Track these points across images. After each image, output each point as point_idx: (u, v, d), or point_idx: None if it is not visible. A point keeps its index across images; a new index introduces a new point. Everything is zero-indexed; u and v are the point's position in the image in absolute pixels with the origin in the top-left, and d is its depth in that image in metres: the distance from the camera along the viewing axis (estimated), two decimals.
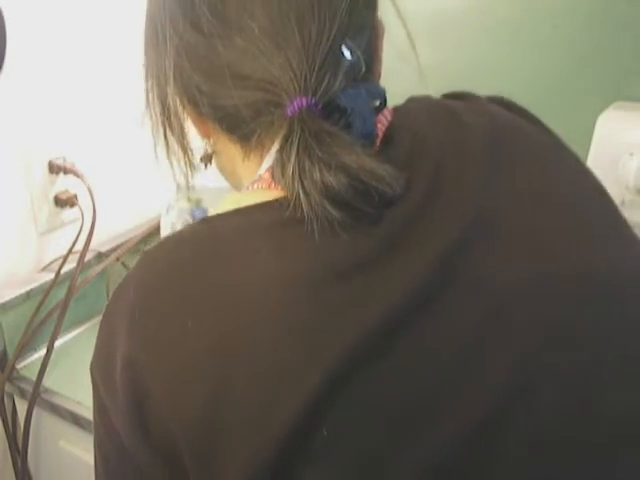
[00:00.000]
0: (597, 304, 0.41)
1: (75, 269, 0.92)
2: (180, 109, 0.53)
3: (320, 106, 0.42)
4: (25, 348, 0.92)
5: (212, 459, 0.38)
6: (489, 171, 0.44)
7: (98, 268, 0.98)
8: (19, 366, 0.92)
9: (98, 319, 1.02)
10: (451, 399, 0.37)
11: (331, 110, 0.43)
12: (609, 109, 0.84)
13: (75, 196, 0.96)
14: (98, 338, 0.46)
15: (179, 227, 0.98)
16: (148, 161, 1.13)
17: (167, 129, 0.56)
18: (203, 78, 0.47)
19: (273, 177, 0.44)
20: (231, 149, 0.50)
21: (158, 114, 0.55)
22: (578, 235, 0.43)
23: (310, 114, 0.41)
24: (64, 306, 0.91)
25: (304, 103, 0.41)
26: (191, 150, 0.55)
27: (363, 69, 0.44)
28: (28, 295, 0.92)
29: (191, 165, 0.56)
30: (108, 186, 1.02)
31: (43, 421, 0.91)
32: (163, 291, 0.42)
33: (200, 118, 0.51)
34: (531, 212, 0.43)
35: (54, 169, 0.94)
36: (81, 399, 0.86)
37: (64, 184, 0.96)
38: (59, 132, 0.95)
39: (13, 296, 0.90)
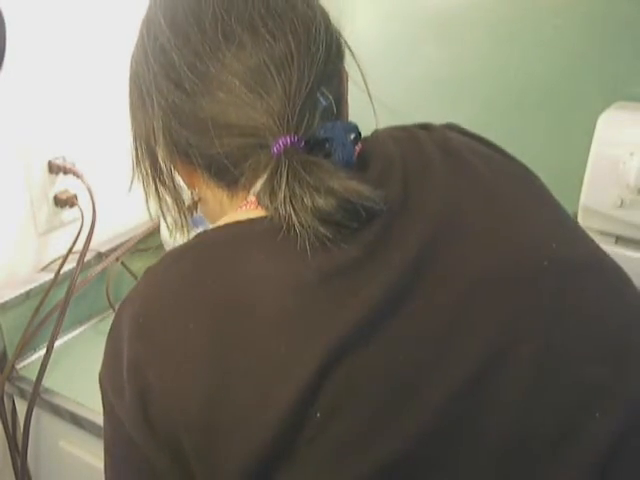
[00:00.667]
0: (556, 287, 0.46)
1: (75, 269, 0.92)
2: (169, 165, 0.57)
3: (303, 143, 0.46)
4: (25, 348, 0.92)
5: (210, 450, 0.41)
6: (448, 181, 0.50)
7: (98, 268, 0.98)
8: (19, 366, 0.92)
9: (98, 319, 1.02)
10: (426, 379, 0.41)
11: (313, 144, 0.47)
12: (610, 109, 0.84)
13: (75, 196, 0.96)
14: (106, 349, 0.49)
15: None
16: None
17: (159, 185, 0.61)
18: (191, 133, 0.51)
19: (259, 202, 0.47)
20: (217, 193, 0.54)
21: (149, 171, 0.62)
22: (529, 227, 0.48)
23: (294, 149, 0.46)
24: (64, 306, 0.91)
25: (288, 141, 0.46)
26: (184, 202, 0.59)
27: (335, 111, 0.50)
28: (28, 295, 0.92)
29: (185, 215, 0.61)
30: (108, 186, 1.02)
31: (43, 421, 0.91)
32: (166, 299, 0.46)
33: (188, 169, 0.54)
34: (487, 211, 0.48)
35: (54, 169, 0.94)
36: (81, 399, 0.86)
37: (64, 184, 0.96)
38: (59, 132, 0.95)
39: (13, 296, 0.90)
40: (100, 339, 1.03)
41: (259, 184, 0.48)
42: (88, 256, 0.95)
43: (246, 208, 0.50)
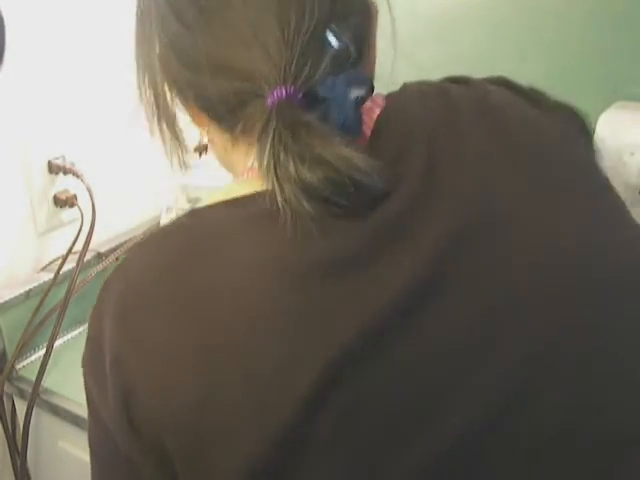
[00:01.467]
0: (598, 298, 0.40)
1: (74, 269, 0.92)
2: (170, 99, 0.53)
3: (300, 95, 0.41)
4: (24, 348, 0.92)
5: (199, 459, 0.38)
6: (485, 156, 0.42)
7: (97, 268, 0.98)
8: (18, 366, 0.92)
9: None
10: (448, 398, 0.36)
11: (311, 100, 0.41)
12: (610, 109, 0.84)
13: (74, 196, 0.96)
14: (88, 334, 0.46)
15: None
16: (148, 161, 1.13)
17: (161, 119, 0.56)
18: (188, 70, 0.47)
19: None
20: (221, 137, 0.49)
21: (152, 105, 0.56)
22: (576, 223, 0.41)
23: (289, 105, 0.40)
24: (63, 306, 0.91)
25: (283, 93, 0.41)
26: (183, 138, 0.56)
27: (353, 55, 0.43)
28: (27, 295, 0.92)
29: (183, 151, 0.57)
30: (108, 186, 1.02)
31: (42, 421, 0.91)
32: (150, 288, 0.42)
33: (193, 109, 0.50)
34: (531, 200, 0.41)
35: (53, 169, 0.94)
36: (80, 399, 0.85)
37: (63, 184, 0.96)
38: (58, 132, 0.95)
39: (12, 296, 0.90)
40: None
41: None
42: (88, 256, 0.95)
43: (247, 177, 0.46)
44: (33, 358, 0.94)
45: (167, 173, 0.98)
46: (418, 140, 0.42)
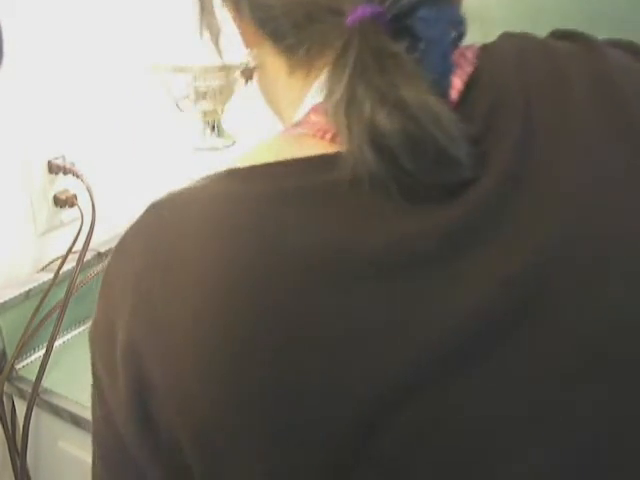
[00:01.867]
0: None
1: (74, 269, 0.92)
2: (217, 5, 0.46)
3: (388, 18, 0.33)
4: (24, 348, 0.92)
5: (222, 469, 0.33)
6: (598, 157, 0.34)
7: (97, 268, 0.98)
8: (18, 366, 0.92)
9: None
10: (533, 432, 0.31)
11: (400, 29, 0.33)
12: None
13: (74, 196, 0.96)
14: (98, 306, 0.40)
15: None
16: (148, 161, 1.13)
17: (202, 27, 0.49)
18: None
19: (320, 113, 0.35)
20: (275, 61, 0.41)
21: (196, 8, 0.48)
22: None
23: (375, 28, 0.33)
24: (63, 306, 0.91)
25: (368, 12, 0.33)
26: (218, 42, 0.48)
27: None
28: (27, 295, 0.92)
29: (217, 42, 0.48)
30: (108, 186, 1.02)
31: (42, 421, 0.91)
32: (174, 262, 0.34)
33: (245, 22, 0.42)
34: None
35: (53, 169, 0.94)
36: (80, 399, 0.86)
37: (63, 184, 0.96)
38: (58, 132, 0.94)
39: (12, 296, 0.90)
40: None
41: (325, 72, 0.35)
42: (88, 256, 0.95)
43: (301, 131, 0.36)
44: (33, 358, 0.94)
45: (167, 173, 0.98)
46: (513, 112, 0.35)
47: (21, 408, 0.90)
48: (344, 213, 0.33)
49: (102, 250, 1.01)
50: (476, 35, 0.39)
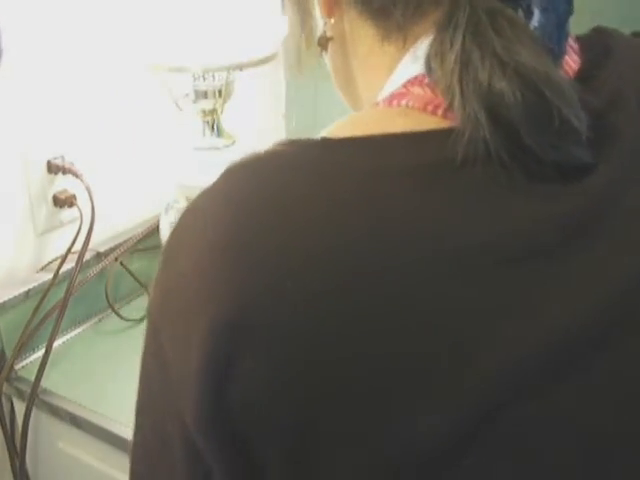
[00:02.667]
0: None
1: (74, 269, 0.92)
2: None
3: None
4: (23, 348, 0.92)
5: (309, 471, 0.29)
6: None
7: (97, 268, 0.98)
8: (17, 367, 0.92)
9: (97, 319, 1.02)
10: None
11: None
12: None
13: (74, 196, 0.96)
14: (162, 277, 0.35)
15: None
16: (148, 161, 1.13)
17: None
18: None
19: (428, 72, 0.31)
20: (361, 29, 0.37)
21: None
22: None
23: None
24: (63, 306, 0.91)
25: None
26: (310, 27, 0.41)
27: None
28: (26, 295, 0.91)
29: (308, 44, 0.42)
30: (107, 186, 1.02)
31: (41, 422, 0.91)
32: (276, 237, 0.30)
33: None
34: None
35: (52, 169, 0.93)
36: (80, 400, 0.85)
37: (63, 184, 0.96)
38: (58, 132, 0.94)
39: (11, 296, 0.90)
40: (99, 339, 1.03)
41: (424, 40, 0.32)
42: (87, 256, 0.95)
43: (399, 103, 0.32)
44: (32, 358, 0.93)
45: (167, 173, 0.98)
46: (627, 112, 0.32)
47: (20, 409, 0.90)
48: (455, 195, 0.30)
49: (101, 250, 1.01)
50: None
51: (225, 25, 0.82)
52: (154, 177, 1.07)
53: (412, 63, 0.34)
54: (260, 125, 1.29)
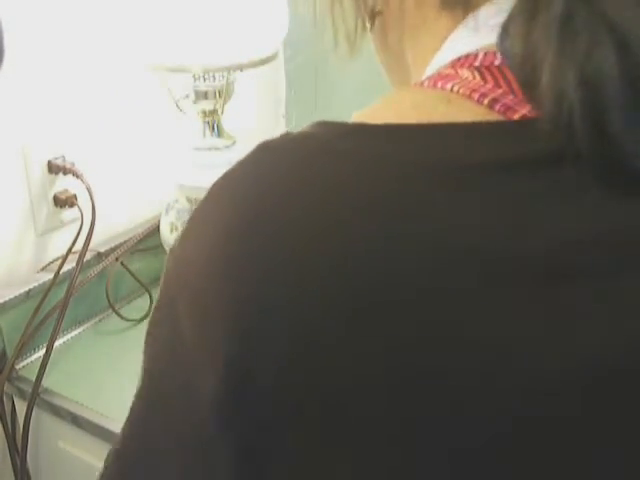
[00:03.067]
0: None
1: (74, 269, 0.92)
2: None
3: None
4: (24, 348, 0.92)
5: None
6: None
7: (97, 268, 0.98)
8: (18, 366, 0.92)
9: (97, 319, 1.02)
10: None
11: None
12: None
13: (74, 196, 0.96)
14: (185, 245, 0.32)
15: (179, 227, 0.97)
16: (148, 161, 1.13)
17: None
18: None
19: (501, 49, 0.27)
20: (416, 2, 0.34)
21: None
22: None
23: None
24: (63, 306, 0.91)
25: None
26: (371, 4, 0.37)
27: None
28: (27, 295, 0.92)
29: (362, 24, 0.38)
30: (107, 186, 1.02)
31: (42, 421, 0.91)
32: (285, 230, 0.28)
33: None
34: None
35: (53, 169, 0.94)
36: (81, 400, 0.86)
37: (63, 184, 0.96)
38: (58, 132, 0.95)
39: (12, 296, 0.90)
40: (100, 339, 1.04)
41: (488, 9, 0.29)
42: (88, 256, 0.95)
43: (445, 86, 0.29)
44: (33, 358, 0.94)
45: (167, 173, 0.98)
46: None
47: (21, 408, 0.90)
48: (509, 199, 0.27)
49: (102, 250, 1.01)
50: None
51: (225, 25, 0.82)
52: (154, 177, 1.08)
53: (467, 36, 0.31)
54: (260, 125, 1.29)
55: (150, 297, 1.04)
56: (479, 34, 0.30)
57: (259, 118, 1.29)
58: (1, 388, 0.90)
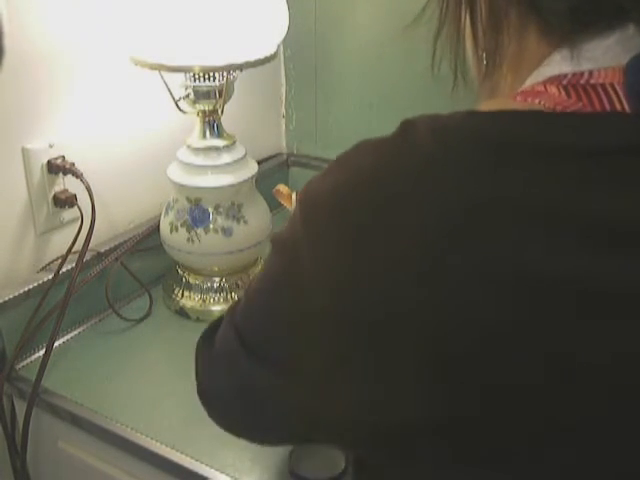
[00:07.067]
0: None
1: (74, 269, 0.92)
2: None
3: None
4: (24, 348, 0.92)
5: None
6: None
7: (97, 268, 0.98)
8: (18, 366, 0.92)
9: (97, 319, 1.02)
10: None
11: None
12: None
13: (74, 196, 0.96)
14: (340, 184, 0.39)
15: (179, 227, 0.97)
16: (148, 161, 1.13)
17: (465, 11, 0.43)
18: None
19: (562, 87, 0.34)
20: (531, 45, 0.39)
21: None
22: None
23: None
24: (63, 306, 0.91)
25: None
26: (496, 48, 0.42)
27: None
28: (27, 295, 0.92)
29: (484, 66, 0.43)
30: (107, 186, 1.02)
31: (42, 422, 0.91)
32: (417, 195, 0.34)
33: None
34: None
35: (53, 169, 0.93)
36: (80, 400, 0.86)
37: (63, 184, 0.96)
38: (58, 131, 0.94)
39: (12, 296, 0.90)
40: (99, 339, 1.04)
41: (585, 43, 0.35)
42: (87, 256, 0.95)
43: (547, 101, 0.36)
44: (33, 358, 0.94)
45: (167, 173, 0.98)
46: None
47: (21, 408, 0.90)
48: (613, 180, 0.32)
49: (102, 250, 1.01)
50: None
51: (225, 25, 0.82)
52: (154, 177, 1.07)
53: (563, 60, 0.37)
54: (260, 125, 1.29)
55: (150, 297, 1.04)
56: (573, 61, 0.36)
57: (259, 118, 1.29)
58: (1, 388, 0.90)
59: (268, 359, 0.42)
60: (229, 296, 1.02)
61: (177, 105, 0.95)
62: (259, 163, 1.05)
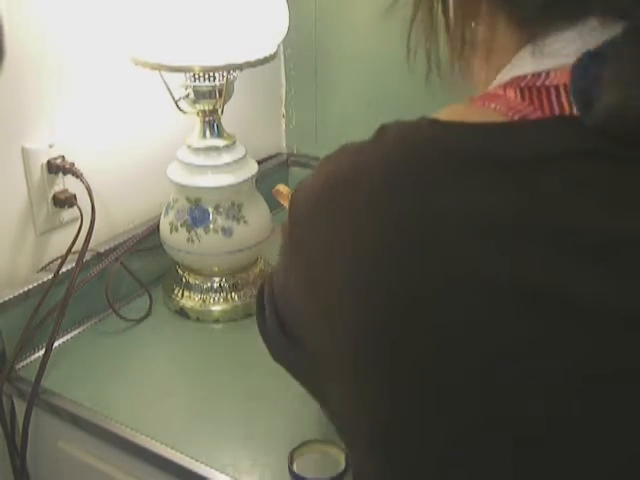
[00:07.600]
0: None
1: (74, 269, 0.92)
2: None
3: None
4: (24, 348, 0.92)
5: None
6: None
7: (97, 268, 0.98)
8: (18, 366, 0.92)
9: (97, 319, 1.02)
10: None
11: None
12: None
13: (74, 196, 0.96)
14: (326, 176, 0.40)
15: (179, 227, 0.97)
16: (148, 161, 1.13)
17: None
18: None
19: (518, 89, 0.34)
20: (502, 36, 0.39)
21: None
22: None
23: None
24: (63, 306, 0.91)
25: None
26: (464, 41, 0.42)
27: None
28: (27, 295, 0.92)
29: (458, 57, 0.44)
30: (107, 186, 1.02)
31: (42, 422, 0.91)
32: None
33: None
34: None
35: (53, 169, 0.93)
36: (80, 400, 0.86)
37: (63, 184, 0.96)
38: (58, 131, 0.94)
39: (12, 296, 0.90)
40: (99, 339, 1.03)
41: (557, 36, 0.34)
42: (87, 256, 0.95)
43: (488, 105, 0.37)
44: (32, 358, 0.93)
45: (167, 173, 0.98)
46: None
47: (21, 408, 0.90)
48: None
49: (102, 250, 1.01)
50: None
51: (225, 25, 0.82)
52: (154, 177, 1.07)
53: (527, 58, 0.36)
54: (260, 125, 1.29)
55: (150, 297, 1.04)
56: (535, 58, 0.36)
57: (259, 118, 1.29)
58: (0, 388, 0.90)
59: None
60: (229, 296, 1.02)
61: (177, 105, 0.95)
62: (259, 163, 1.05)
